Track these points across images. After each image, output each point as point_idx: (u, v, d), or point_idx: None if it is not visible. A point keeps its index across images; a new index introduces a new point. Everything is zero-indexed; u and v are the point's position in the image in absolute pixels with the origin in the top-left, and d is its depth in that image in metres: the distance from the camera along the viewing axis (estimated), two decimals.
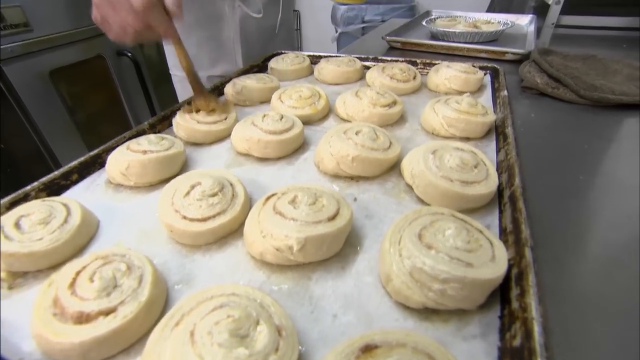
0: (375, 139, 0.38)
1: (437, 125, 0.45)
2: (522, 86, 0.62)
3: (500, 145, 0.42)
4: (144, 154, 0.38)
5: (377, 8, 2.01)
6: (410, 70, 0.58)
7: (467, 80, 0.56)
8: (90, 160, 0.43)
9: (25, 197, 0.38)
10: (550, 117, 0.54)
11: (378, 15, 2.00)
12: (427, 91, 0.59)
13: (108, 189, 0.40)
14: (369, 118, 0.47)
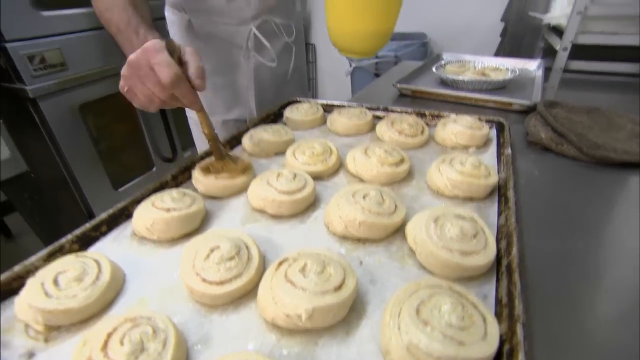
0: (381, 203, 0.41)
1: (441, 185, 0.47)
2: (528, 140, 0.65)
3: (502, 209, 0.44)
4: (168, 212, 0.42)
5: (390, 44, 2.08)
6: (418, 125, 0.62)
7: (472, 136, 0.59)
8: (118, 212, 0.47)
9: (61, 249, 0.41)
10: (554, 175, 0.56)
11: (391, 51, 2.06)
12: (435, 145, 0.62)
13: (133, 241, 0.44)
14: (377, 177, 0.50)
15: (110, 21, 0.55)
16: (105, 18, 0.56)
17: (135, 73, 0.43)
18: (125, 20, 0.54)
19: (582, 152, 0.58)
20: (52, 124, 1.35)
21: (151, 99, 0.44)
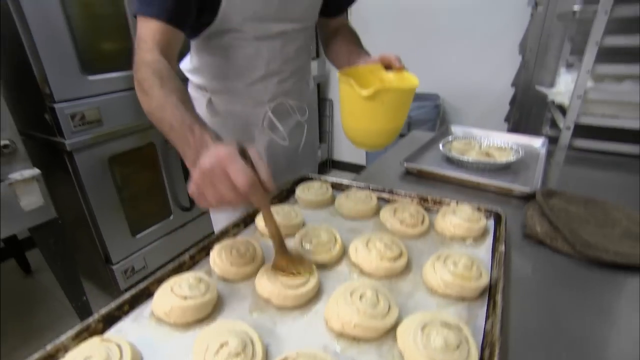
0: (376, 304, 0.45)
1: (435, 284, 0.51)
2: (524, 233, 0.68)
3: (490, 313, 0.47)
4: (184, 299, 0.47)
5: None
6: (419, 214, 0.66)
7: (470, 229, 0.63)
8: (140, 292, 0.52)
9: (88, 327, 0.46)
10: (547, 273, 0.59)
11: None
12: (435, 234, 0.66)
13: (151, 321, 0.48)
14: (376, 270, 0.54)
15: (163, 120, 0.58)
16: (156, 117, 0.59)
17: (209, 178, 0.44)
18: (179, 119, 0.55)
19: (574, 250, 0.61)
20: (83, 174, 1.45)
21: (222, 201, 0.45)
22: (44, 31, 1.25)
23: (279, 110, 0.88)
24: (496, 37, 2.14)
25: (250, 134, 0.88)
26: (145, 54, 0.63)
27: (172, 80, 0.61)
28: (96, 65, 1.41)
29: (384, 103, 0.64)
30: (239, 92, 0.83)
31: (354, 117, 0.69)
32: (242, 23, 0.74)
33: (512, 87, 2.01)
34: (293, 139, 0.92)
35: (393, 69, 0.72)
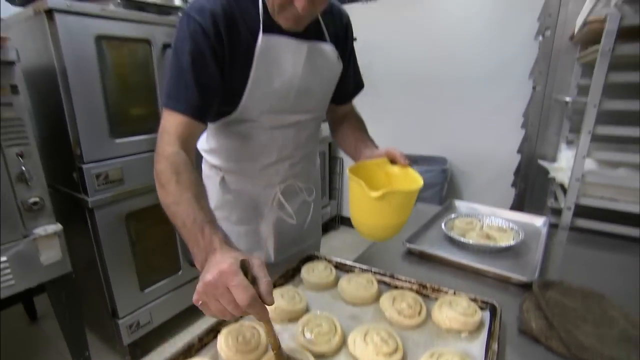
0: None
1: None
2: (519, 328, 0.70)
3: None
4: None
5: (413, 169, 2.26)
6: (416, 304, 0.69)
7: (465, 323, 0.65)
8: None
9: None
10: None
11: None
12: (431, 324, 0.68)
13: None
14: None
15: (177, 215, 0.60)
16: (171, 211, 0.62)
17: (212, 292, 0.47)
18: (192, 217, 0.58)
19: (569, 352, 0.63)
20: (101, 230, 1.52)
21: (224, 313, 0.48)
22: (83, 99, 1.38)
23: (288, 190, 0.94)
24: (502, 107, 2.24)
25: (260, 211, 0.93)
26: (166, 146, 0.68)
27: (188, 174, 0.65)
28: (123, 129, 1.53)
29: (391, 203, 0.69)
30: (252, 174, 0.90)
31: (363, 213, 0.74)
32: (260, 115, 0.81)
33: (518, 154, 2.08)
34: (300, 216, 0.97)
35: (398, 164, 0.79)
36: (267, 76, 0.76)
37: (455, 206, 1.29)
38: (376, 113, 2.74)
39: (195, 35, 0.69)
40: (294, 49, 0.77)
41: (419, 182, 0.73)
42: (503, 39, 2.17)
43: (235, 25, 0.72)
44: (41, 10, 1.27)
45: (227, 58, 0.73)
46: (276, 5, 0.70)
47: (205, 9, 0.69)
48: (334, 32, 0.86)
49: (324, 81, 0.87)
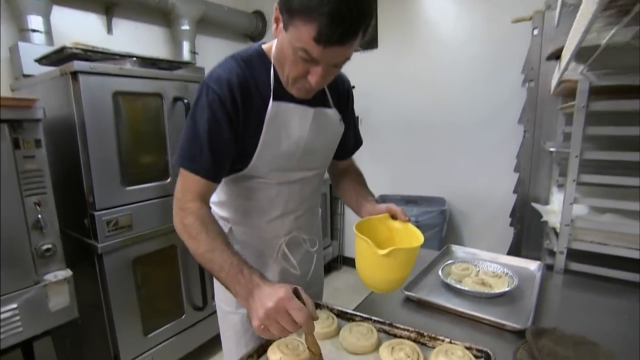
0: None
1: None
2: None
3: None
4: None
5: (411, 210, 2.32)
6: (414, 353, 0.72)
7: None
8: None
9: None
10: None
11: (412, 216, 2.28)
12: None
13: None
14: None
15: (213, 261, 0.69)
16: (206, 258, 0.70)
17: (273, 316, 0.58)
18: (229, 261, 0.67)
19: None
20: (109, 274, 1.56)
21: (283, 332, 0.59)
22: (98, 150, 1.48)
23: (292, 241, 0.99)
24: (497, 149, 2.34)
25: (265, 261, 0.98)
26: (189, 203, 0.76)
27: (215, 226, 0.74)
28: (134, 177, 1.62)
29: (397, 259, 0.75)
30: (259, 226, 0.95)
31: (370, 268, 0.80)
32: (268, 172, 0.86)
33: (514, 194, 2.13)
34: (303, 267, 1.02)
35: (399, 219, 0.86)
36: (276, 139, 0.83)
37: (452, 251, 1.33)
38: (376, 156, 2.85)
39: (213, 104, 0.76)
40: (301, 114, 0.85)
41: (420, 239, 0.80)
42: (494, 86, 2.30)
43: (249, 93, 0.79)
44: (67, 72, 1.40)
45: (241, 123, 0.80)
46: (290, 78, 0.76)
47: (222, 79, 0.77)
48: (336, 97, 0.94)
49: (327, 142, 0.94)
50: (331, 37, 0.64)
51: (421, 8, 2.52)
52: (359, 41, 0.70)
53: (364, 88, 2.77)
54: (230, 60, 0.80)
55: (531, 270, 1.20)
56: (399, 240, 0.85)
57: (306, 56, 0.68)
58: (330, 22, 0.62)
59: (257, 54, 0.83)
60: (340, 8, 0.61)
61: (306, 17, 0.63)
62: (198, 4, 2.57)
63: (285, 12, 0.68)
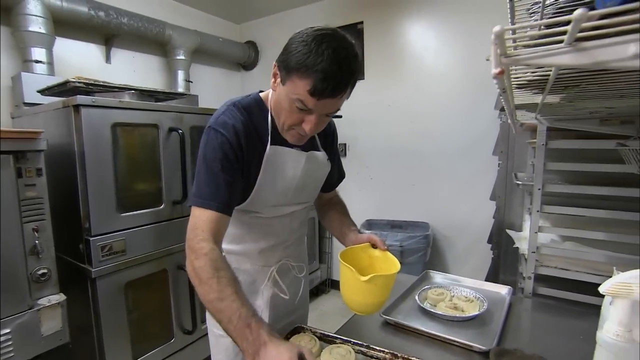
0: None
1: None
2: None
3: None
4: None
5: (396, 235, 2.41)
6: None
7: None
8: None
9: None
10: None
11: (397, 241, 2.38)
12: None
13: None
14: None
15: (222, 312, 0.69)
16: (215, 307, 0.70)
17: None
18: (237, 313, 0.67)
19: None
20: (101, 299, 1.61)
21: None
22: (96, 178, 1.55)
23: (282, 268, 1.06)
24: (477, 177, 2.47)
25: (257, 288, 1.05)
26: (202, 243, 0.76)
27: (227, 271, 0.74)
28: (128, 203, 1.68)
29: (377, 284, 0.84)
30: (251, 255, 1.03)
31: (352, 293, 0.88)
32: (262, 208, 0.95)
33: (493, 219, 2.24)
34: (291, 291, 1.09)
35: (378, 248, 0.96)
36: (272, 179, 0.91)
37: (430, 276, 1.42)
38: (362, 182, 2.96)
39: (224, 145, 0.82)
40: (295, 157, 0.93)
41: (397, 266, 0.90)
42: (473, 117, 2.46)
43: (251, 137, 0.87)
44: (70, 105, 1.49)
45: (245, 163, 0.87)
46: (286, 125, 0.84)
47: (228, 124, 0.84)
48: (323, 139, 1.04)
49: (316, 180, 1.03)
50: (324, 91, 0.73)
51: (405, 42, 2.69)
52: (348, 93, 0.80)
53: (351, 117, 2.91)
54: (232, 107, 0.88)
55: (502, 294, 1.29)
56: (378, 267, 0.95)
57: (302, 106, 0.77)
58: (323, 79, 0.71)
59: (255, 102, 0.91)
60: (331, 67, 0.71)
61: (302, 73, 0.73)
62: (193, 35, 2.71)
63: (283, 69, 0.77)
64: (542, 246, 1.33)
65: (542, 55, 0.31)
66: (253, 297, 1.05)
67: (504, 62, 0.33)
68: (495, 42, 0.31)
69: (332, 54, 0.70)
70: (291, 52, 0.74)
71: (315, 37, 0.72)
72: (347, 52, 0.73)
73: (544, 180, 1.30)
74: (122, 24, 2.25)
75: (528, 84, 0.54)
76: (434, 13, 2.56)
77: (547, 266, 1.34)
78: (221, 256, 0.77)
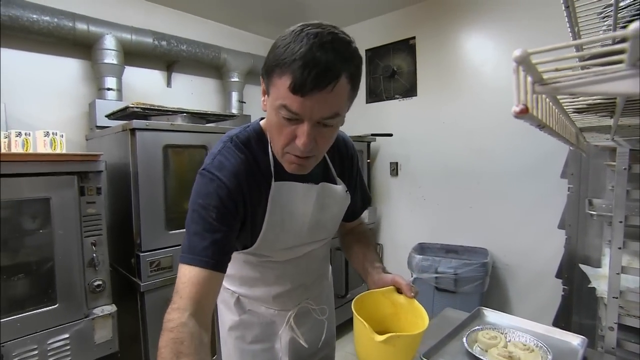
0: None
1: None
2: None
3: None
4: None
5: (450, 262, 2.23)
6: None
7: None
8: None
9: None
10: None
11: (451, 269, 2.19)
12: None
13: None
14: None
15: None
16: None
17: None
18: None
19: None
20: (148, 312, 1.67)
21: None
22: (148, 197, 1.64)
23: (301, 310, 0.95)
24: (543, 202, 2.20)
25: (275, 330, 0.95)
26: (173, 313, 0.64)
27: (191, 355, 0.59)
28: (176, 222, 1.75)
29: (395, 346, 0.69)
30: (266, 300, 0.92)
31: (367, 354, 0.74)
32: (273, 252, 0.84)
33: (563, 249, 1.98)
34: (313, 334, 0.99)
35: (404, 294, 0.80)
36: (280, 219, 0.80)
37: (482, 314, 1.26)
38: (414, 203, 2.81)
39: (220, 191, 0.71)
40: (304, 192, 0.81)
41: (424, 322, 0.73)
42: (536, 134, 2.20)
43: (254, 176, 0.76)
44: (127, 129, 1.60)
45: (250, 208, 0.77)
46: (279, 148, 0.71)
47: (225, 166, 0.73)
48: (340, 166, 0.91)
49: (333, 214, 0.90)
50: (305, 82, 0.59)
51: (460, 56, 2.54)
52: (346, 93, 0.64)
53: (402, 135, 2.80)
54: (230, 144, 0.77)
55: (573, 345, 1.09)
56: (403, 317, 0.80)
57: (288, 114, 0.64)
58: (303, 66, 0.58)
59: (255, 133, 0.80)
60: (312, 52, 0.58)
61: (281, 69, 0.61)
62: (247, 58, 2.82)
63: (265, 75, 0.67)
64: (628, 291, 1.12)
65: (593, 82, 0.23)
66: (271, 340, 0.96)
67: (539, 90, 0.25)
68: (517, 70, 0.23)
69: (313, 38, 0.58)
70: (270, 52, 0.65)
71: (294, 29, 0.62)
72: (334, 36, 0.60)
73: (627, 210, 1.10)
74: (181, 51, 2.40)
75: (589, 107, 0.43)
76: (492, 23, 2.39)
77: (634, 316, 1.12)
78: (191, 335, 0.61)
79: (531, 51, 0.23)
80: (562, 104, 0.42)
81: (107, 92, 2.16)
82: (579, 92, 0.24)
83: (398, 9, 2.79)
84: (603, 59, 0.23)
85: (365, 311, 0.74)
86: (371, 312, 0.74)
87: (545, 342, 1.04)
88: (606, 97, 0.38)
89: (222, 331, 1.01)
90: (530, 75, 0.25)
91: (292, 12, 2.75)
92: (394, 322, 0.74)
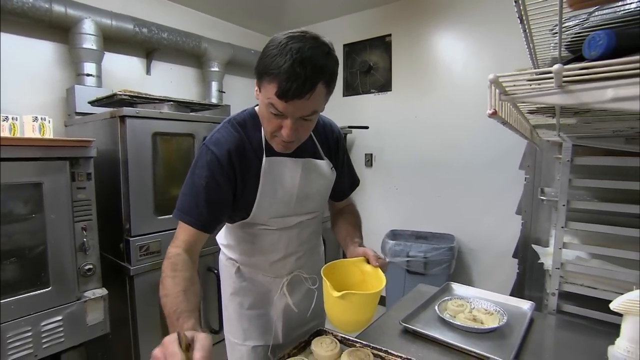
0: None
1: None
2: None
3: None
4: None
5: (420, 247, 2.42)
6: None
7: None
8: None
9: None
10: None
11: (421, 253, 2.39)
12: None
13: None
14: None
15: (165, 306, 0.72)
16: (162, 302, 0.74)
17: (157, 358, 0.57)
18: (174, 308, 0.69)
19: None
20: (137, 295, 1.73)
21: None
22: (137, 183, 1.68)
23: (294, 280, 1.09)
24: (504, 191, 2.43)
25: (270, 298, 1.09)
26: (172, 249, 0.83)
27: (183, 272, 0.77)
28: (165, 207, 1.80)
29: (352, 302, 0.81)
30: (263, 267, 1.05)
31: (329, 308, 0.87)
32: (268, 219, 0.97)
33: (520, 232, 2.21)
34: (303, 304, 1.12)
35: (371, 264, 0.91)
36: (272, 189, 0.94)
37: (451, 288, 1.44)
38: (387, 192, 2.99)
39: (212, 164, 0.85)
40: (291, 166, 0.95)
41: (378, 287, 0.85)
42: (500, 130, 2.43)
43: (246, 152, 0.90)
44: (117, 115, 1.63)
45: (240, 180, 0.90)
46: (268, 133, 0.86)
47: (221, 142, 0.87)
48: (327, 147, 1.04)
49: (319, 188, 1.03)
50: (288, 92, 0.73)
51: (433, 54, 2.72)
52: (323, 96, 0.79)
53: (377, 128, 2.96)
54: (227, 125, 0.92)
55: (524, 309, 1.28)
56: (369, 284, 0.91)
57: (275, 111, 0.78)
58: (286, 79, 0.72)
59: (250, 116, 0.95)
60: (294, 68, 0.71)
61: (269, 77, 0.74)
62: (227, 48, 2.85)
63: (257, 76, 0.80)
64: (567, 263, 1.32)
65: (536, 95, 0.36)
66: (266, 308, 1.09)
67: (504, 99, 0.38)
68: (490, 86, 0.36)
69: (295, 54, 0.71)
70: (262, 58, 0.77)
71: (282, 39, 0.74)
72: (313, 51, 0.73)
73: (569, 196, 1.30)
74: (162, 39, 2.41)
75: (537, 110, 0.58)
76: (462, 25, 2.57)
77: (572, 283, 1.33)
78: (184, 260, 0.81)
79: (499, 75, 0.36)
80: (519, 107, 0.56)
81: (87, 78, 2.14)
82: (528, 101, 0.37)
83: (376, 6, 2.92)
84: (542, 77, 0.36)
85: (336, 277, 0.87)
86: (342, 279, 0.86)
87: (502, 307, 1.23)
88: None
89: (224, 297, 1.14)
90: (498, 89, 0.37)
91: (273, 5, 2.81)
92: (361, 288, 0.86)
